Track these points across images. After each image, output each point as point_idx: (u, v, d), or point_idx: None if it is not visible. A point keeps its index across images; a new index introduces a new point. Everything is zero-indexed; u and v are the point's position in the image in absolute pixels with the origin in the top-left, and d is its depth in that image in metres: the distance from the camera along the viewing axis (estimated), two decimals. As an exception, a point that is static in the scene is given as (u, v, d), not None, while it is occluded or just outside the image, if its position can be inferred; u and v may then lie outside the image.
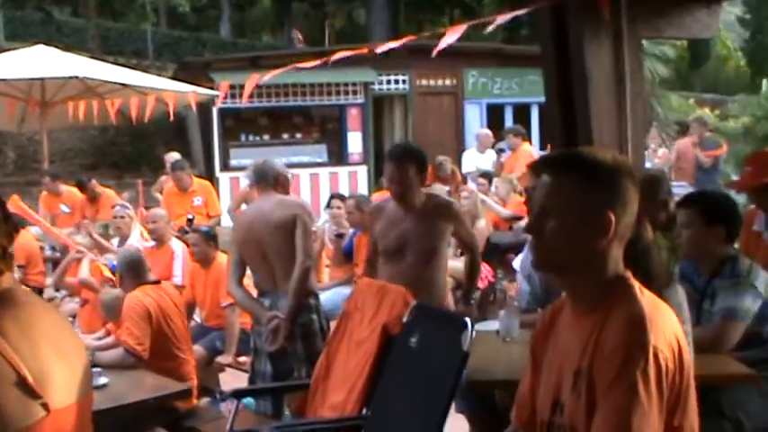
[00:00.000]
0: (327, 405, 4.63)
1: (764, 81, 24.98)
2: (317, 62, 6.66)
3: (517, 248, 10.60)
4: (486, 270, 10.37)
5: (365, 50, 6.58)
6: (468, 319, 3.66)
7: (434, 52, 6.11)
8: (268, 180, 6.06)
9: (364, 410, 4.35)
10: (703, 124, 14.28)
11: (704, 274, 4.65)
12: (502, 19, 6.42)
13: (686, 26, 6.31)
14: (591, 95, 5.72)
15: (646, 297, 2.60)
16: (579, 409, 2.55)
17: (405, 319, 4.18)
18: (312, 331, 5.85)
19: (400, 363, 4.15)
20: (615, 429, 2.40)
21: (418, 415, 3.73)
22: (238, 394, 4.90)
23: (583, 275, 2.65)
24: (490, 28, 6.52)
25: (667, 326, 2.55)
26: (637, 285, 2.64)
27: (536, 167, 4.36)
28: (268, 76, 6.70)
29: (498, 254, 11.05)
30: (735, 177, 9.85)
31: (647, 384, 2.41)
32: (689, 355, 2.59)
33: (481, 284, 10.29)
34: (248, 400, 5.81)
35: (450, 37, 6.09)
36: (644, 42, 6.15)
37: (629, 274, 2.67)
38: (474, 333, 3.61)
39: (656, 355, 2.43)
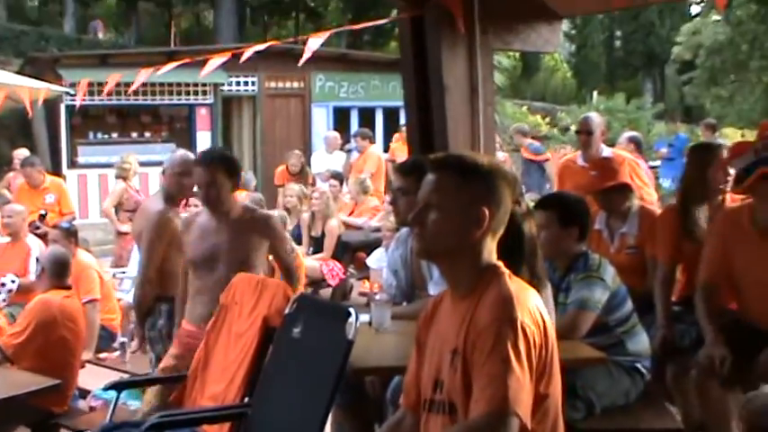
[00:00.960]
0: (207, 395, 4.65)
1: (594, 93, 25.81)
2: (173, 62, 6.66)
3: (367, 247, 10.82)
4: (337, 268, 10.54)
5: (228, 54, 6.55)
6: (352, 309, 3.80)
7: (301, 61, 6.15)
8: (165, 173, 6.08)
9: (246, 400, 4.42)
10: (523, 134, 14.99)
11: (559, 270, 4.88)
12: (363, 28, 6.55)
13: (531, 41, 6.57)
14: (447, 102, 5.88)
15: (514, 281, 2.85)
16: (456, 384, 2.76)
17: (287, 311, 4.28)
18: (161, 335, 5.92)
19: (284, 353, 4.22)
20: (493, 398, 2.60)
21: (303, 402, 3.84)
22: (118, 387, 4.89)
23: (459, 263, 2.88)
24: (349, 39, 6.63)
25: (533, 305, 2.79)
26: (507, 272, 2.88)
27: (405, 169, 4.60)
28: (143, 77, 6.65)
29: (349, 252, 11.21)
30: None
31: (518, 356, 2.63)
32: (552, 329, 2.84)
33: (333, 282, 10.46)
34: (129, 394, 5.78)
35: (314, 43, 6.17)
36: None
37: (500, 263, 2.91)
38: (358, 322, 3.75)
39: (524, 330, 2.67)
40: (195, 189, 5.55)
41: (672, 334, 5.41)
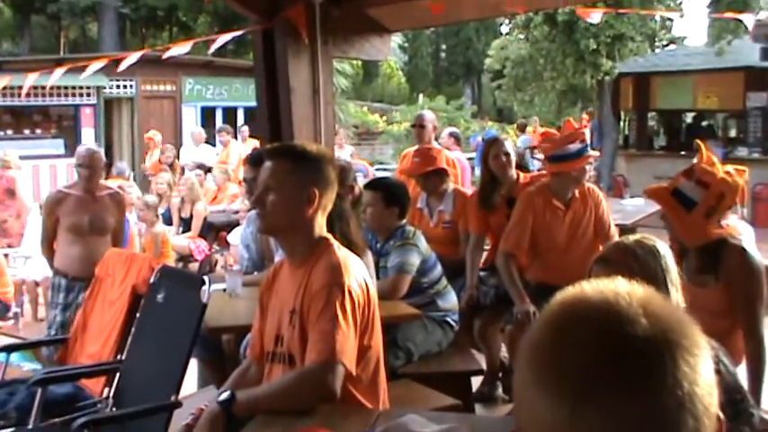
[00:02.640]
0: (86, 354, 4.59)
1: (421, 96, 26.19)
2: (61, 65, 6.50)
3: (228, 226, 10.75)
4: (203, 245, 10.44)
5: (103, 60, 6.44)
6: (206, 277, 3.79)
7: (164, 57, 6.10)
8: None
9: (119, 357, 4.38)
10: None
11: (380, 241, 4.95)
12: (223, 39, 6.48)
13: (365, 50, 6.61)
14: (293, 102, 5.87)
15: (342, 251, 2.90)
16: (295, 339, 2.81)
17: (152, 280, 4.23)
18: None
19: (150, 316, 4.19)
20: (322, 350, 2.67)
21: (166, 356, 3.81)
22: (7, 349, 4.74)
23: (295, 236, 2.92)
24: (214, 47, 6.56)
25: (358, 271, 2.85)
26: (336, 243, 2.92)
27: (253, 160, 4.56)
28: (31, 81, 6.47)
29: (214, 231, 11.12)
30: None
31: (345, 314, 2.70)
32: (374, 292, 2.90)
33: (200, 257, 10.36)
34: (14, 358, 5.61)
35: (179, 50, 6.10)
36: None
37: (329, 236, 2.95)
38: (212, 289, 3.75)
39: (350, 292, 2.74)
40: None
41: (477, 293, 5.53)
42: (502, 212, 5.70)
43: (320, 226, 2.95)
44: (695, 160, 3.77)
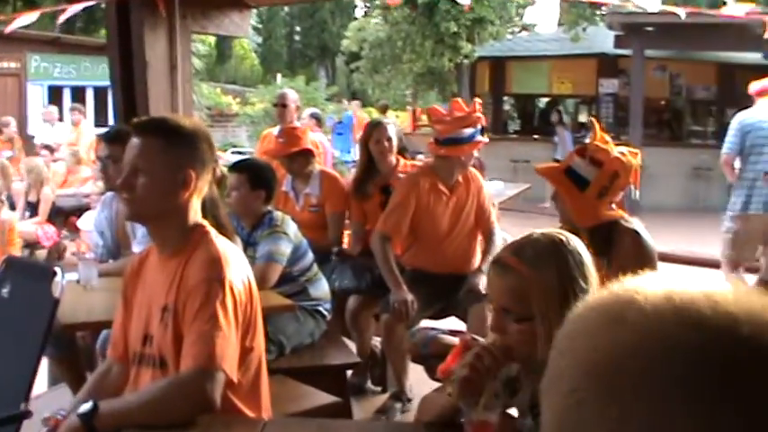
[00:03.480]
0: None
1: (279, 76, 25.89)
2: None
3: (78, 211, 10.23)
4: (51, 231, 9.90)
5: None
6: (57, 268, 3.40)
7: (6, 30, 5.67)
8: None
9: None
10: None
11: (247, 228, 4.66)
12: (74, 9, 6.06)
13: (225, 25, 6.36)
14: (149, 78, 5.64)
15: (221, 240, 2.58)
16: (167, 340, 2.48)
17: (-5, 273, 3.80)
18: None
19: (-8, 312, 3.76)
20: (200, 354, 2.35)
21: (14, 358, 3.41)
22: None
23: (168, 224, 2.58)
24: (63, 17, 6.12)
25: (239, 263, 2.55)
26: (213, 232, 2.61)
27: (110, 137, 4.15)
28: None
29: (62, 216, 10.56)
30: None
31: (226, 313, 2.39)
32: (256, 287, 2.61)
33: (48, 243, 9.81)
34: None
35: (24, 20, 5.69)
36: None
37: (205, 222, 2.63)
38: (65, 281, 3.36)
39: (231, 289, 2.43)
40: None
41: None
42: (376, 200, 5.54)
43: (195, 211, 2.62)
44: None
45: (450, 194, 5.07)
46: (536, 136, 18.28)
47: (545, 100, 20.90)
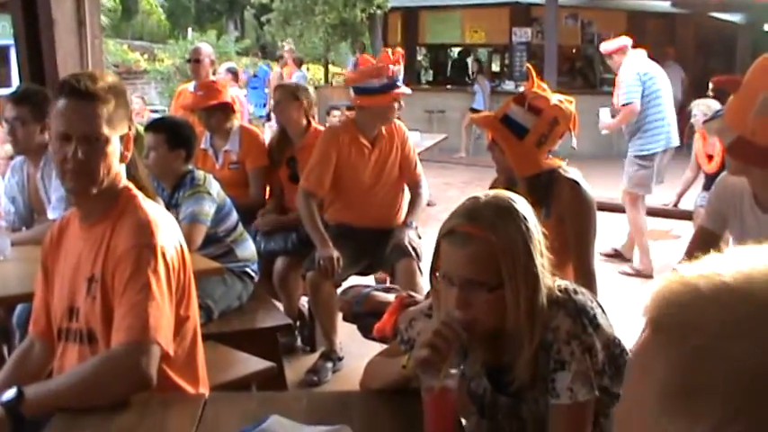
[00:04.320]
0: None
1: (190, 30, 25.37)
2: None
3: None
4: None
5: None
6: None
7: None
8: None
9: None
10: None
11: (167, 189, 4.49)
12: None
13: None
14: (56, 35, 5.36)
15: (149, 204, 2.42)
16: (95, 311, 2.31)
17: None
18: None
19: None
20: (132, 327, 2.20)
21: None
22: None
23: (99, 188, 2.38)
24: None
25: (171, 229, 2.40)
26: (140, 195, 2.44)
27: (17, 98, 3.91)
28: None
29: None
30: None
31: (158, 281, 2.25)
32: (188, 253, 2.47)
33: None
34: None
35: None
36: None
37: (131, 185, 2.47)
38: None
39: (164, 255, 2.29)
40: None
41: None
42: (284, 172, 5.59)
43: (123, 174, 2.45)
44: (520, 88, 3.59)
45: (371, 147, 4.97)
46: (449, 86, 18.23)
47: (458, 50, 20.84)
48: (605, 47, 7.61)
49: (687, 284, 0.67)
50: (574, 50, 18.11)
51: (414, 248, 4.78)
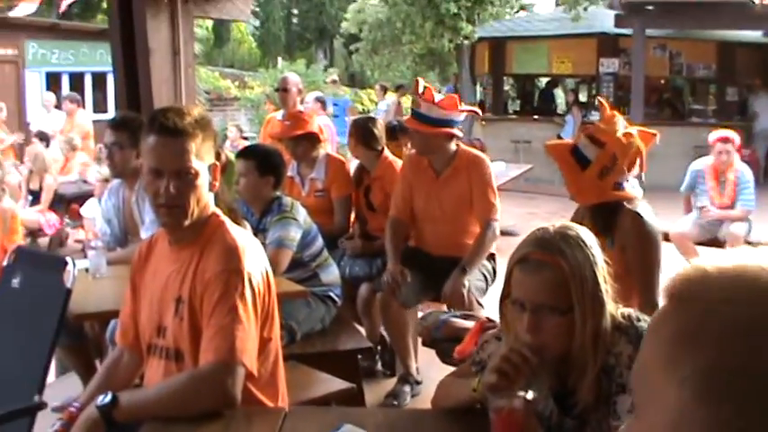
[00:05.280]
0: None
1: (279, 59, 25.86)
2: None
3: (80, 198, 10.20)
4: (53, 218, 9.88)
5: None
6: (69, 258, 3.37)
7: (12, 12, 5.63)
8: None
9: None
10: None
11: (256, 214, 4.64)
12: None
13: (227, 10, 6.33)
14: (152, 63, 5.60)
15: (237, 230, 2.54)
16: (183, 331, 2.44)
17: (5, 263, 3.76)
18: None
19: (4, 304, 3.71)
20: (220, 349, 2.31)
21: (26, 349, 3.38)
22: None
23: (190, 215, 2.50)
24: (64, 4, 6.08)
25: (257, 254, 2.51)
26: (228, 221, 2.57)
27: (116, 124, 4.10)
28: None
29: (64, 203, 10.52)
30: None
31: (245, 305, 2.36)
32: (273, 277, 2.58)
33: (50, 231, 9.79)
34: None
35: (24, 9, 5.64)
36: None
37: (218, 211, 2.60)
38: (76, 270, 3.32)
39: (250, 280, 2.39)
40: None
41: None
42: (361, 200, 5.77)
43: (211, 201, 2.58)
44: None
45: (438, 175, 5.03)
46: (536, 116, 18.21)
47: (545, 80, 20.81)
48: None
49: (698, 268, 0.85)
50: (662, 81, 17.94)
51: (467, 295, 4.73)
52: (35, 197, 10.10)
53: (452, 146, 4.98)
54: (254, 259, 2.48)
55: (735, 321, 0.77)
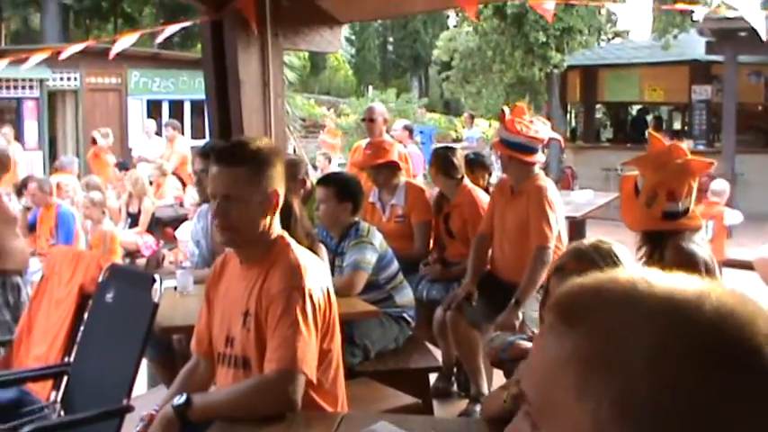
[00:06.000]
0: (32, 356, 4.41)
1: (370, 88, 26.18)
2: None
3: (176, 221, 10.60)
4: (150, 240, 10.28)
5: (46, 52, 6.28)
6: (157, 276, 3.66)
7: (110, 56, 5.96)
8: None
9: (67, 359, 4.21)
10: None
11: (335, 238, 4.85)
12: (171, 30, 6.33)
13: (316, 42, 6.53)
14: (242, 94, 5.79)
15: (300, 250, 2.77)
16: (250, 341, 2.70)
17: (100, 279, 4.08)
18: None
19: (98, 317, 4.02)
20: (282, 358, 2.56)
21: (116, 359, 3.67)
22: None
23: (252, 237, 2.77)
24: (161, 37, 6.42)
25: (318, 272, 2.74)
26: (293, 242, 2.80)
27: (205, 152, 4.41)
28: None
29: (161, 226, 10.95)
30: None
31: (305, 319, 2.59)
32: (334, 294, 2.80)
33: (147, 252, 10.19)
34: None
35: (126, 41, 5.97)
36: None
37: (284, 233, 2.82)
38: (163, 287, 3.62)
39: (311, 296, 2.63)
40: None
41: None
42: (442, 226, 5.93)
43: (276, 224, 2.83)
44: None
45: (510, 197, 5.19)
46: (629, 144, 18.10)
47: (637, 108, 20.66)
48: None
49: (588, 288, 0.87)
50: (759, 108, 17.65)
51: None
52: (133, 220, 10.53)
53: (529, 170, 5.13)
54: (316, 277, 2.71)
55: (639, 346, 0.78)
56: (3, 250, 5.51)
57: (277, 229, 2.82)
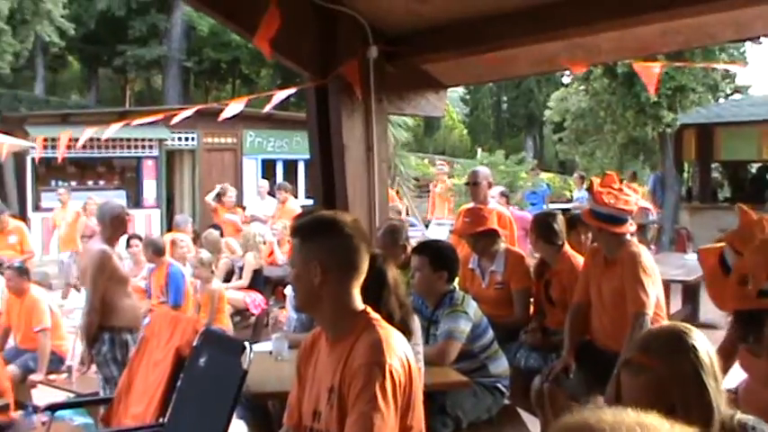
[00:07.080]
0: (130, 415, 4.55)
1: (479, 150, 26.20)
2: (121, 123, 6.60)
3: (285, 282, 10.71)
4: (259, 299, 10.38)
5: (162, 116, 6.53)
6: (247, 343, 3.72)
7: (221, 118, 6.14)
8: (103, 221, 6.01)
9: (161, 419, 4.32)
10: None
11: (430, 306, 4.84)
12: (279, 97, 6.47)
13: (421, 107, 6.57)
14: (346, 159, 5.82)
15: (383, 326, 2.78)
16: (333, 417, 2.71)
17: (195, 343, 4.17)
18: (106, 359, 5.76)
19: (192, 379, 4.13)
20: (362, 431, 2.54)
21: (207, 421, 3.74)
22: (53, 408, 4.71)
23: (321, 311, 2.82)
24: (269, 106, 6.57)
25: (399, 348, 2.73)
26: (378, 318, 2.81)
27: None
28: (89, 134, 6.60)
29: (271, 285, 11.08)
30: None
31: (384, 395, 2.58)
32: (416, 370, 2.78)
33: (256, 311, 10.31)
34: (66, 413, 5.60)
35: (236, 107, 6.12)
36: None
37: (369, 309, 2.83)
38: (252, 354, 3.67)
39: (391, 372, 2.61)
40: None
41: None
42: (541, 291, 5.87)
43: (351, 297, 2.82)
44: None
45: (604, 267, 5.11)
46: (747, 204, 17.51)
47: (756, 166, 20.04)
48: None
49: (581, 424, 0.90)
50: None
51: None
52: (239, 275, 10.69)
53: (620, 239, 5.04)
54: (397, 352, 2.70)
55: None
56: (113, 308, 5.74)
57: (355, 303, 2.83)
